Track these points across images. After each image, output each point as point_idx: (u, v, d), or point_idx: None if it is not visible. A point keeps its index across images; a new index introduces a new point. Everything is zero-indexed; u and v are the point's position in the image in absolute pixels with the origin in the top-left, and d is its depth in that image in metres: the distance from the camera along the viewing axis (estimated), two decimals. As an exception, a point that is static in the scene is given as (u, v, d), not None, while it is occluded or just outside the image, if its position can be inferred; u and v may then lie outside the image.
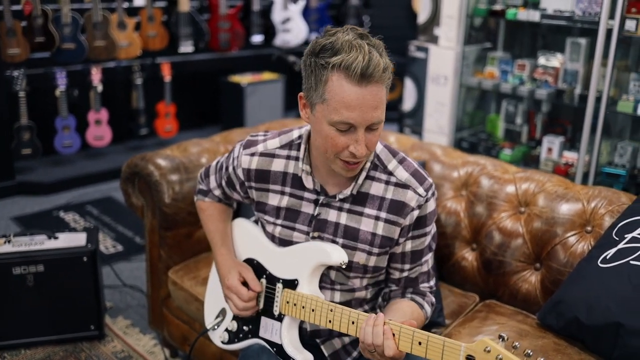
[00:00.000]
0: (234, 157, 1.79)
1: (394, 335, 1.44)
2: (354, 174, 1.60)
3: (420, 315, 1.68)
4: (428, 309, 1.72)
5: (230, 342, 1.82)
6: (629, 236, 1.81)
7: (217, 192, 1.92)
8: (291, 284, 1.69)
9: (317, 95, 1.48)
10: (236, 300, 1.73)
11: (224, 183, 1.87)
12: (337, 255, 1.63)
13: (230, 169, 1.81)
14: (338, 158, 1.53)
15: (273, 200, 1.73)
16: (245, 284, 1.75)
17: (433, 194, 1.66)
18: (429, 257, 1.74)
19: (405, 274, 1.71)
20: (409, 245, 1.68)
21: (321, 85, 1.46)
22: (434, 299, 1.76)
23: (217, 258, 1.85)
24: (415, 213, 1.63)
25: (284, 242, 1.73)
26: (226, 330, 1.83)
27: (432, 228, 1.71)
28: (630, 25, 3.02)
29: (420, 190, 1.62)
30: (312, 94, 1.50)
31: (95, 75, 4.62)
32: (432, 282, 1.77)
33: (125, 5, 4.75)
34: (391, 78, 1.49)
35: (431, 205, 1.66)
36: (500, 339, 1.30)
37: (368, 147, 1.51)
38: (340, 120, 1.46)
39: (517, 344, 1.29)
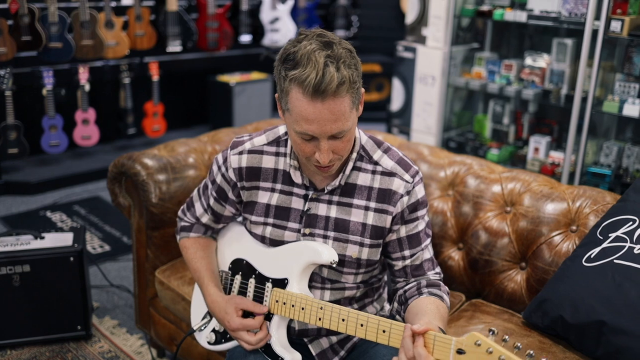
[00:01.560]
0: (220, 165, 1.78)
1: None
2: (329, 174, 1.62)
3: (445, 308, 1.64)
4: (447, 299, 1.69)
5: (217, 342, 1.81)
6: (613, 235, 1.83)
7: (205, 219, 1.88)
8: (281, 283, 1.69)
9: (284, 102, 1.50)
10: (247, 337, 1.67)
11: (212, 202, 1.84)
12: (327, 254, 1.63)
13: (219, 177, 1.79)
14: (309, 161, 1.55)
15: (263, 198, 1.73)
16: (246, 314, 1.71)
17: (420, 180, 1.68)
18: (429, 244, 1.74)
19: (407, 261, 1.71)
20: (403, 231, 1.68)
21: (284, 95, 1.48)
22: (447, 288, 1.73)
23: (206, 299, 1.79)
24: (405, 199, 1.64)
25: (275, 242, 1.72)
26: (213, 330, 1.83)
27: (425, 214, 1.71)
28: (615, 26, 3.04)
29: (407, 176, 1.64)
30: (281, 101, 1.51)
31: (83, 74, 4.60)
32: (438, 269, 1.76)
33: (113, 4, 4.73)
34: (355, 88, 1.45)
35: (420, 191, 1.67)
36: (491, 333, 1.30)
37: (336, 152, 1.52)
38: (301, 131, 1.48)
39: (507, 337, 1.30)
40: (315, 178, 1.68)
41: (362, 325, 1.50)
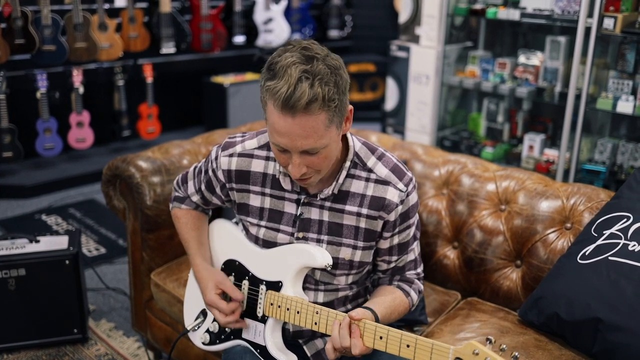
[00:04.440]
0: (212, 160, 1.79)
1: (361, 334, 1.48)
2: (307, 185, 1.61)
3: (403, 302, 1.71)
4: (414, 295, 1.75)
5: (211, 343, 1.81)
6: (607, 232, 1.83)
7: (195, 198, 1.90)
8: (275, 286, 1.68)
9: (264, 111, 1.50)
10: (218, 315, 1.73)
11: (203, 187, 1.86)
12: (321, 257, 1.63)
13: (210, 172, 1.80)
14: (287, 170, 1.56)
15: (255, 201, 1.73)
16: (225, 294, 1.74)
17: (414, 187, 1.68)
18: (415, 246, 1.77)
19: (392, 265, 1.75)
20: (395, 240, 1.70)
21: (263, 104, 1.48)
22: (421, 286, 1.79)
23: (193, 269, 1.84)
24: (400, 209, 1.64)
25: (268, 244, 1.72)
26: (207, 331, 1.83)
27: (415, 219, 1.73)
28: (608, 23, 3.05)
29: (401, 185, 1.64)
30: (263, 108, 1.51)
31: (77, 77, 4.59)
32: (420, 269, 1.80)
33: (106, 6, 4.72)
34: (332, 106, 1.42)
35: (413, 199, 1.68)
36: (488, 342, 1.31)
37: (311, 167, 1.52)
38: (274, 142, 1.49)
39: (504, 346, 1.30)
40: None
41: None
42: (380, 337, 1.46)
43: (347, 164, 1.64)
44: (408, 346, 1.41)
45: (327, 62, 1.43)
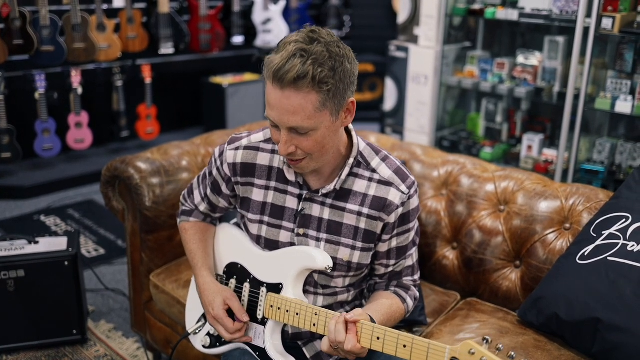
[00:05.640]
0: (216, 158, 1.79)
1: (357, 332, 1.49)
2: (298, 170, 1.62)
3: (399, 309, 1.71)
4: (410, 302, 1.75)
5: (211, 346, 1.81)
6: (606, 233, 1.83)
7: (203, 207, 1.90)
8: (275, 288, 1.69)
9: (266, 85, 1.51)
10: (222, 332, 1.71)
11: (209, 192, 1.85)
12: (322, 259, 1.63)
13: (215, 170, 1.80)
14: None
15: (258, 195, 1.72)
16: (230, 311, 1.73)
17: (416, 191, 1.68)
18: (413, 251, 1.77)
19: (390, 269, 1.75)
20: (394, 243, 1.70)
21: (264, 79, 1.50)
22: (417, 293, 1.79)
23: (198, 280, 1.81)
24: (400, 211, 1.64)
25: (270, 242, 1.72)
26: (208, 334, 1.83)
27: (415, 224, 1.74)
28: (606, 23, 3.06)
29: (403, 187, 1.64)
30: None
31: (75, 77, 4.59)
32: (417, 276, 1.80)
33: (105, 6, 4.72)
34: (324, 89, 1.43)
35: (414, 202, 1.68)
36: (485, 341, 1.31)
37: (301, 149, 1.52)
38: (267, 115, 1.50)
39: (500, 346, 1.30)
40: (309, 178, 1.68)
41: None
42: (377, 338, 1.46)
43: (351, 160, 1.64)
44: (405, 346, 1.42)
45: (330, 47, 1.45)
